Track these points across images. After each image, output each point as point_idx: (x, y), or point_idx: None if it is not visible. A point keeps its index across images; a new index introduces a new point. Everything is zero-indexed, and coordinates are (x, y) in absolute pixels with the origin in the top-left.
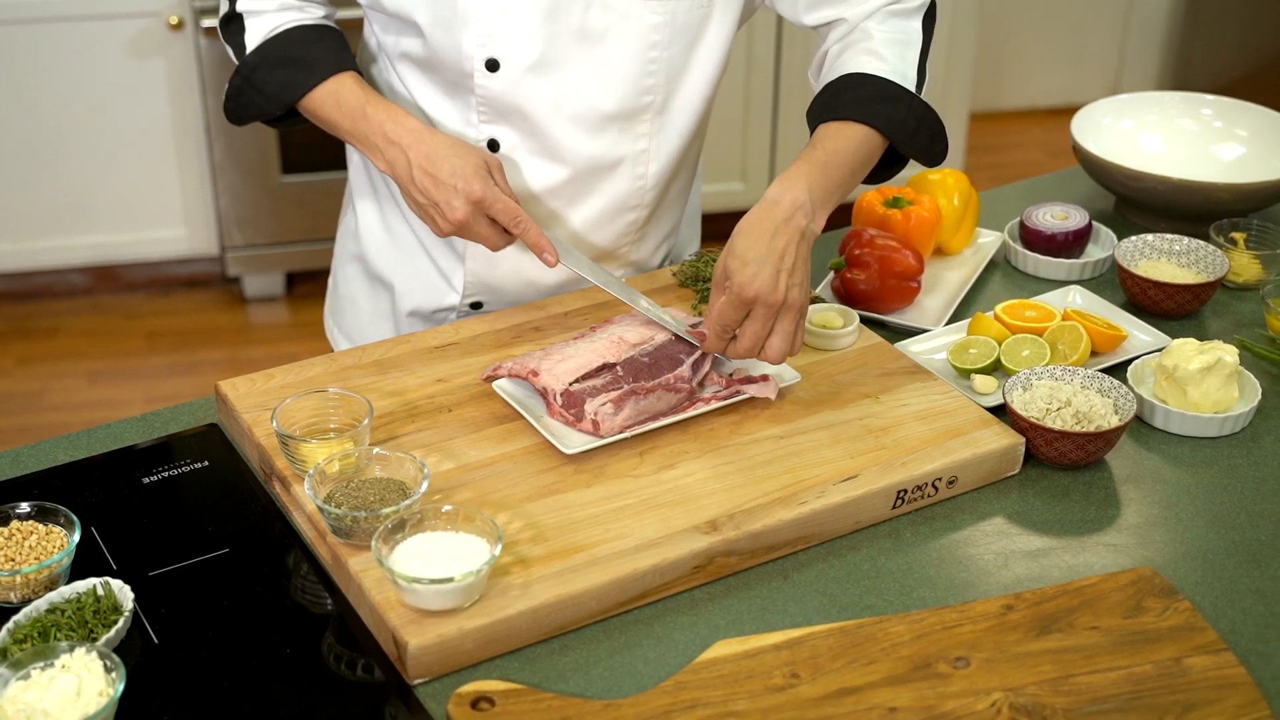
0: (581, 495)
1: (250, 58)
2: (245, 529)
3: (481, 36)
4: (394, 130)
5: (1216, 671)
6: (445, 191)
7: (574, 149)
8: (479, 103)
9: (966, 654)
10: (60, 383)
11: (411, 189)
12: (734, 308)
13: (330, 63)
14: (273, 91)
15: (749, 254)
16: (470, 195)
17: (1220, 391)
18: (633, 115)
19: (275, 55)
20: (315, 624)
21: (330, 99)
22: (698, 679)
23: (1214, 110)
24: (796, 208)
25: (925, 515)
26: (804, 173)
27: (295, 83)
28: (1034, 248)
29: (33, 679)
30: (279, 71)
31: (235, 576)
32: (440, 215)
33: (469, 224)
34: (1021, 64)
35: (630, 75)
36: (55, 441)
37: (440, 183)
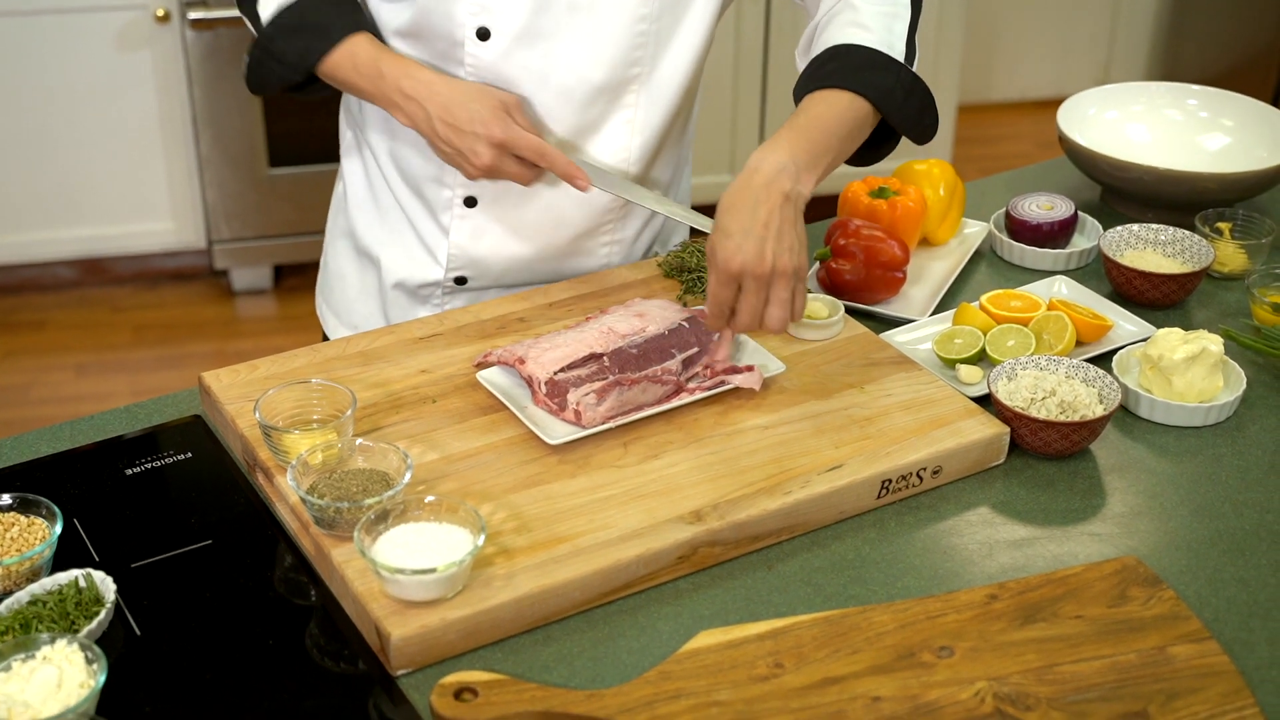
0: (565, 486)
1: (267, 29)
2: (228, 520)
3: (474, 4)
4: (410, 85)
5: (1200, 660)
6: (468, 139)
7: (561, 120)
8: (468, 74)
9: (951, 643)
10: (47, 376)
11: (436, 140)
12: (723, 284)
13: (344, 25)
14: (292, 59)
15: (731, 227)
16: (492, 139)
17: (1205, 381)
18: (620, 86)
19: (290, 23)
20: (298, 615)
21: (346, 61)
22: (681, 669)
23: (1200, 100)
24: (778, 171)
25: (910, 505)
26: (785, 138)
27: (312, 48)
28: (1020, 238)
29: (13, 670)
30: (296, 39)
31: (218, 568)
32: (467, 161)
33: (496, 166)
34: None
35: (619, 46)
36: (39, 433)
37: (461, 131)
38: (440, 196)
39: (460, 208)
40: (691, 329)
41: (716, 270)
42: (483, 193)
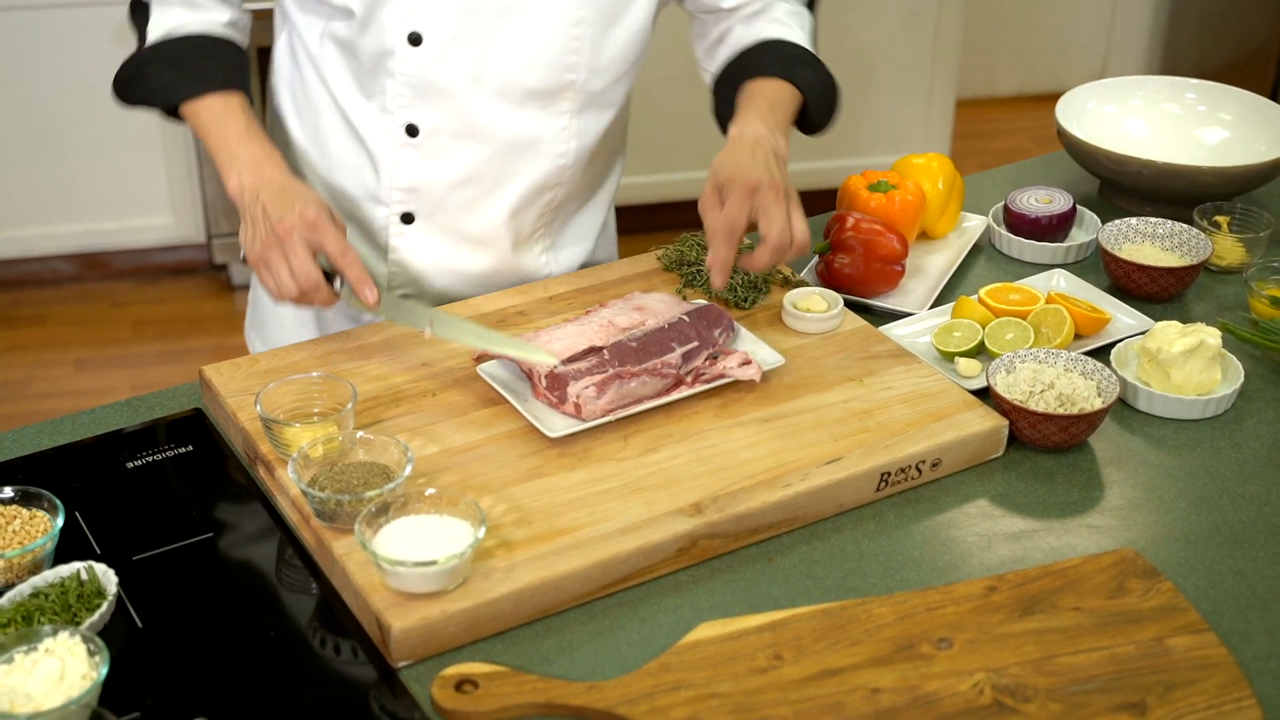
0: (565, 478)
1: (146, 51)
2: (229, 513)
3: (404, 9)
4: (264, 164)
5: (1198, 652)
6: (282, 208)
7: (496, 126)
8: (400, 83)
9: (950, 635)
10: (46, 371)
11: (252, 206)
12: (741, 202)
13: (221, 78)
14: (157, 88)
15: (738, 161)
16: (305, 215)
17: (1203, 374)
18: (555, 91)
19: (170, 56)
20: (299, 608)
21: (210, 112)
22: (681, 661)
23: (1198, 94)
24: (759, 136)
25: (909, 497)
26: (754, 114)
27: (180, 87)
28: (1018, 231)
29: (16, 663)
30: (169, 72)
31: (219, 560)
32: (265, 226)
33: (290, 239)
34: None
35: (553, 50)
36: (40, 427)
37: (280, 201)
38: (376, 215)
39: (398, 224)
40: (691, 323)
41: (735, 190)
42: (419, 207)
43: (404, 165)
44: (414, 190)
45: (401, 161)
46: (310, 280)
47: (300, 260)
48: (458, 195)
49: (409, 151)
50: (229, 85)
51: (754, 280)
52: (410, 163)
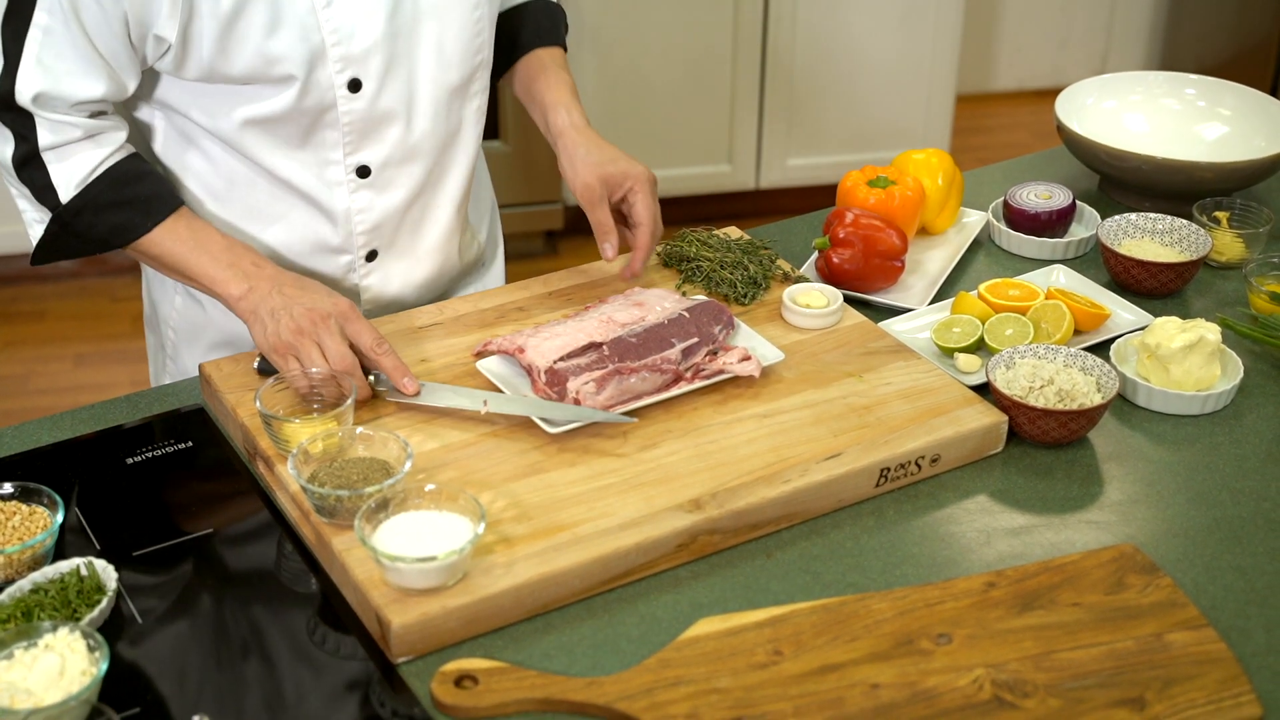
0: (565, 474)
1: (72, 203)
2: (229, 509)
3: (339, 62)
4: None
5: (1197, 647)
6: (314, 296)
7: (431, 134)
8: (345, 131)
9: (949, 630)
10: (46, 366)
11: (270, 299)
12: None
13: (166, 199)
14: (99, 235)
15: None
16: (339, 305)
17: (1202, 370)
18: (469, 79)
19: (103, 199)
20: (299, 603)
21: (173, 236)
22: (681, 656)
23: (1197, 90)
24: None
25: (908, 493)
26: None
27: (130, 224)
28: (1018, 227)
29: (16, 658)
30: (107, 215)
31: (219, 556)
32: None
33: (325, 325)
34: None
35: (464, 39)
36: (40, 422)
37: (309, 290)
38: (339, 264)
39: (364, 265)
40: (692, 318)
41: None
42: (381, 242)
43: (364, 208)
44: (377, 228)
45: (361, 205)
46: (346, 362)
47: (335, 343)
48: (410, 214)
49: (364, 193)
50: (176, 204)
51: (753, 276)
52: (368, 203)
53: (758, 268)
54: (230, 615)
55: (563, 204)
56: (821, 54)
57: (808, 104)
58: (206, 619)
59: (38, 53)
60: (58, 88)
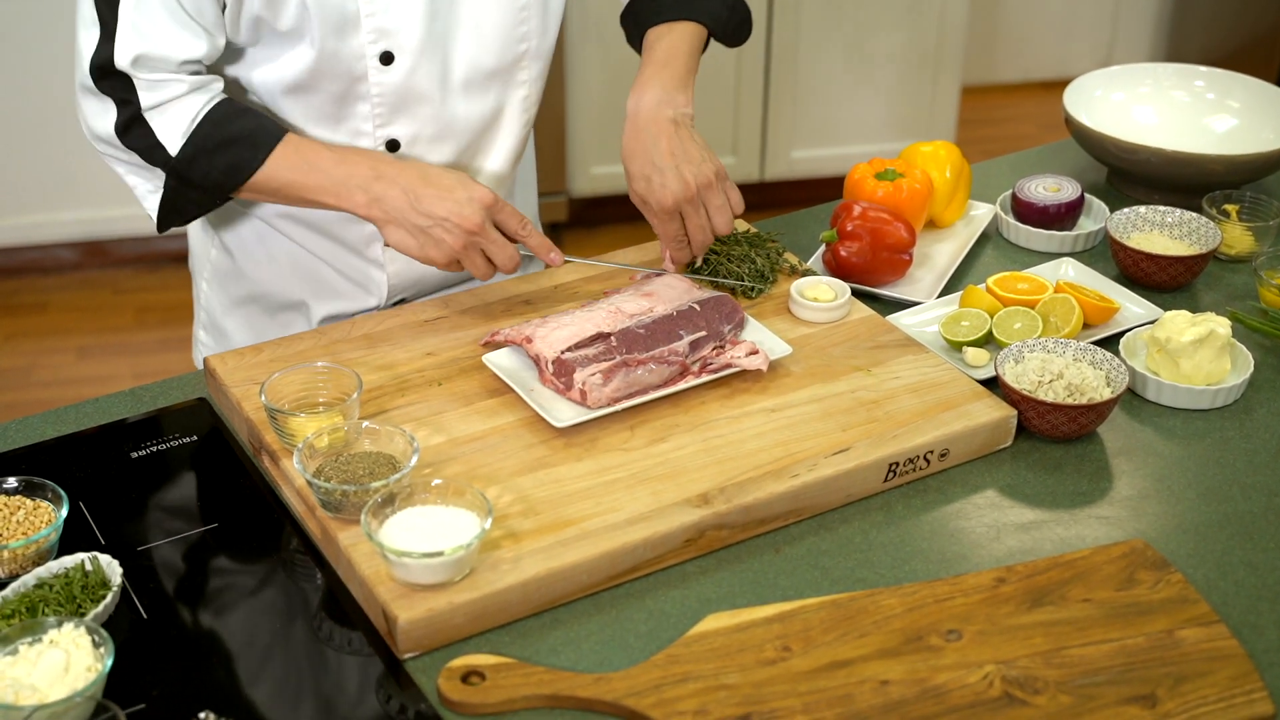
0: (572, 469)
1: (183, 153)
2: (234, 503)
3: (372, 33)
4: (377, 164)
5: (1209, 644)
6: (456, 203)
7: (466, 117)
8: (375, 103)
9: (959, 627)
10: (49, 359)
11: (410, 215)
12: (669, 220)
13: (270, 129)
14: (216, 178)
15: (645, 170)
16: (484, 200)
17: (1213, 364)
18: (513, 65)
19: (211, 142)
20: (305, 598)
21: (286, 163)
22: (689, 652)
23: (1207, 82)
24: (656, 105)
25: (917, 488)
26: (649, 76)
27: (242, 161)
28: (1026, 220)
29: (20, 654)
30: (220, 156)
31: (224, 551)
32: (450, 230)
33: (484, 230)
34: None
35: (505, 25)
36: (43, 416)
37: (445, 196)
38: (362, 233)
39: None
40: (702, 312)
41: (655, 212)
42: None
43: None
44: None
45: None
46: (514, 261)
47: (500, 246)
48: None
49: None
50: (281, 131)
51: (760, 269)
52: None
53: (765, 261)
54: (235, 611)
55: (567, 196)
56: (826, 45)
57: (812, 96)
58: (212, 614)
59: (133, 18)
60: (156, 49)
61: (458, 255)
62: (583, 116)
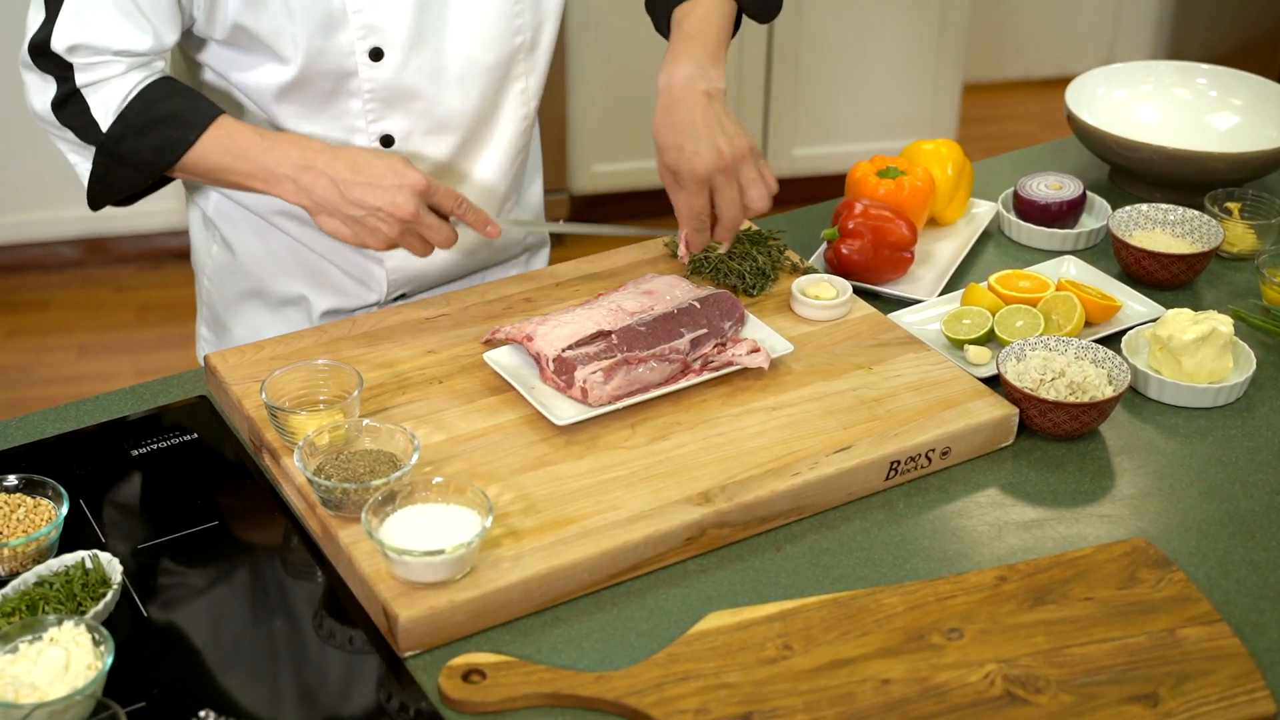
0: (573, 467)
1: (112, 130)
2: (234, 501)
3: (360, 30)
4: (304, 154)
5: (1211, 643)
6: (387, 192)
7: (462, 112)
8: (367, 99)
9: (960, 625)
10: (50, 356)
11: (342, 205)
12: (697, 192)
13: (202, 111)
14: (146, 158)
15: (678, 140)
16: (415, 187)
17: (1215, 362)
18: (509, 60)
19: (141, 121)
20: (305, 597)
21: (216, 146)
22: (690, 651)
23: (1209, 80)
24: (688, 79)
25: (919, 486)
26: (680, 50)
27: (172, 142)
28: (1028, 218)
29: (20, 652)
30: (149, 136)
31: (224, 549)
32: (384, 220)
33: (419, 218)
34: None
35: (500, 19)
36: (44, 414)
37: (376, 185)
38: None
39: None
40: (703, 310)
41: (686, 181)
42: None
43: None
44: None
45: None
46: (452, 240)
47: (436, 229)
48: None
49: None
50: (214, 113)
51: (762, 267)
52: None
53: (766, 259)
54: (236, 609)
55: (569, 194)
56: (828, 42)
57: (814, 93)
58: (212, 613)
59: (77, 4)
60: (94, 39)
61: (394, 241)
62: (584, 114)
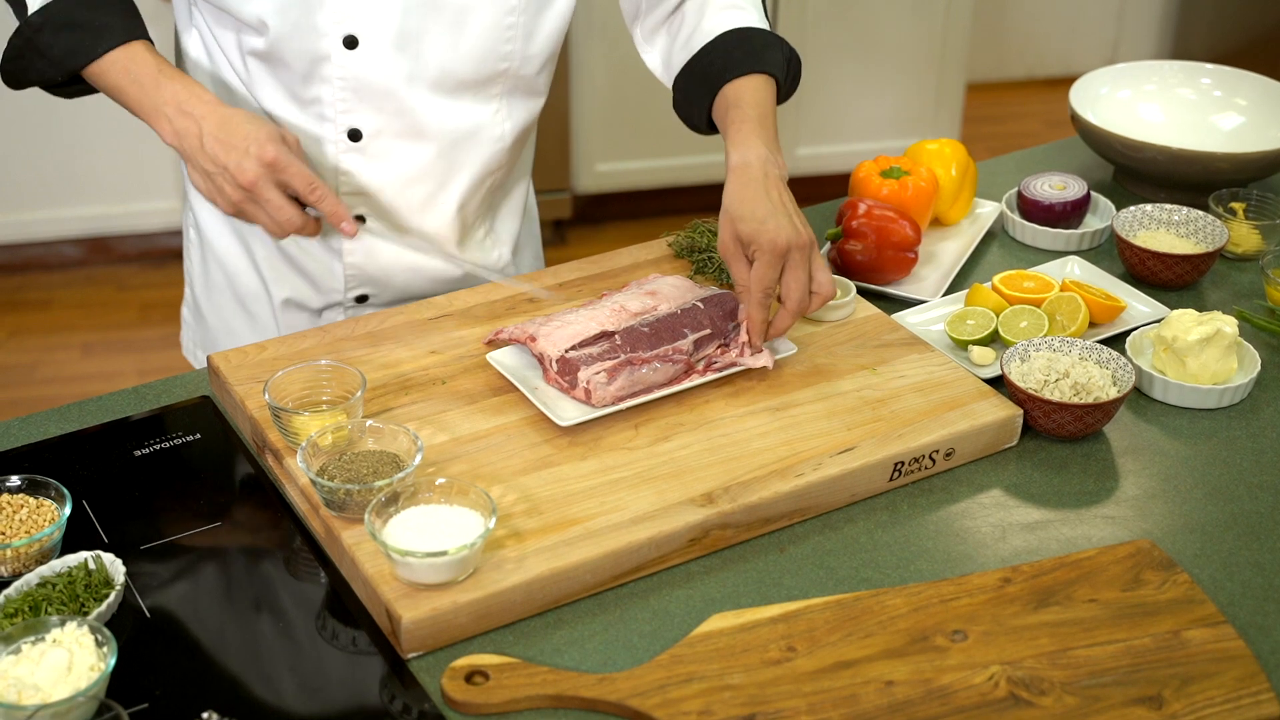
0: (576, 468)
1: (34, 18)
2: (238, 502)
3: (338, 13)
4: (188, 100)
5: (1215, 644)
6: (236, 154)
7: (436, 121)
8: (339, 88)
9: (964, 627)
10: (52, 355)
11: (199, 157)
12: (771, 265)
13: (120, 29)
14: (56, 55)
15: (759, 213)
16: (263, 157)
17: (1219, 363)
18: (489, 80)
19: (61, 18)
20: (308, 598)
21: (117, 66)
22: (693, 652)
23: (1213, 79)
24: (764, 161)
25: (922, 487)
26: (750, 132)
27: (82, 48)
28: (1032, 218)
29: (23, 653)
30: (64, 35)
31: (227, 550)
32: (229, 181)
33: (258, 189)
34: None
35: (488, 42)
36: (46, 414)
37: (231, 146)
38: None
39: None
40: (706, 310)
41: (763, 254)
42: (370, 209)
43: (350, 170)
44: (362, 193)
45: (347, 167)
46: (294, 224)
47: (276, 207)
48: (408, 195)
49: (354, 156)
50: (130, 36)
51: None
52: (356, 167)
53: None
54: (239, 610)
55: (571, 193)
56: (831, 41)
57: (816, 92)
58: (215, 613)
59: None
60: None
61: (238, 207)
62: (587, 113)
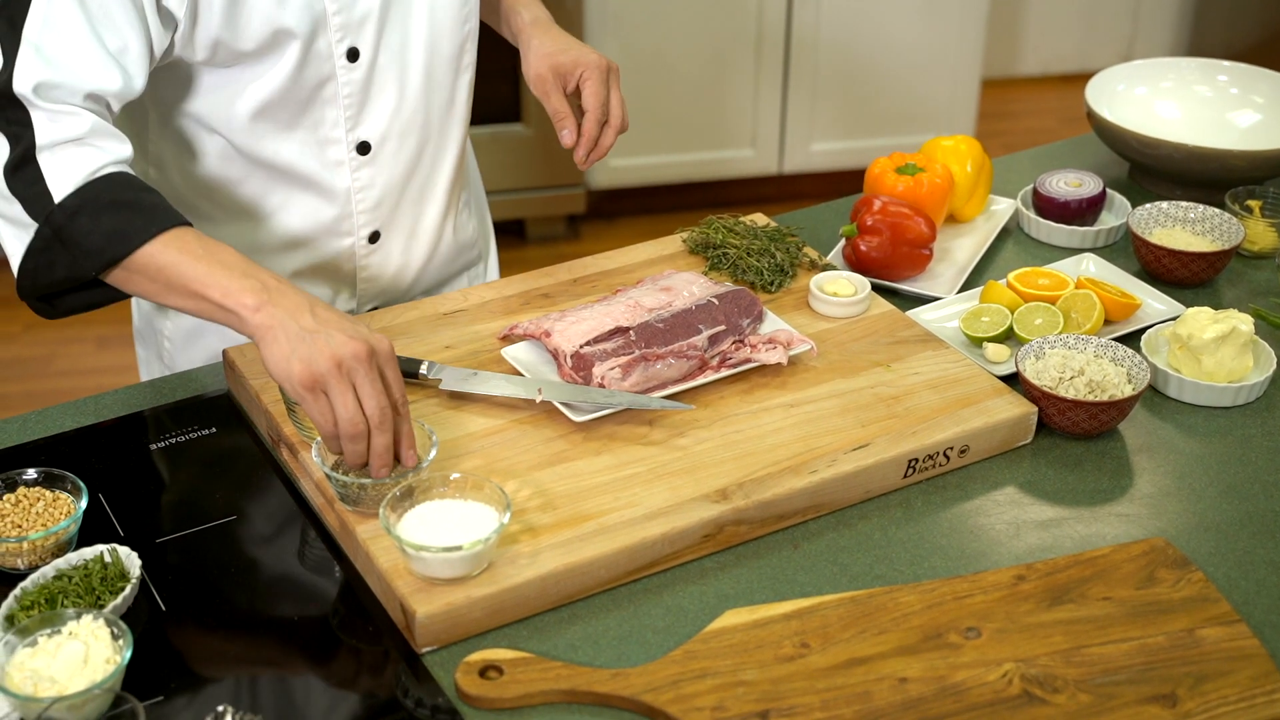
0: (590, 463)
1: (68, 201)
2: (253, 496)
3: (339, 30)
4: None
5: (1230, 643)
6: (351, 327)
7: (425, 110)
8: (345, 105)
9: (978, 624)
10: (68, 348)
11: (303, 314)
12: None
13: (172, 213)
14: (94, 243)
15: (571, 48)
16: (383, 343)
17: (1235, 361)
18: (461, 48)
19: (103, 198)
20: (323, 592)
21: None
22: (707, 648)
23: (1230, 77)
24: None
25: (937, 484)
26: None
27: (130, 230)
28: (1047, 215)
29: (40, 646)
30: (108, 217)
31: (243, 543)
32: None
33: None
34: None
35: (454, 6)
36: (63, 407)
37: (346, 320)
38: (339, 247)
39: (365, 246)
40: (721, 306)
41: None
42: (381, 220)
43: (365, 185)
44: (378, 206)
45: (362, 182)
46: (385, 415)
47: (373, 390)
48: (409, 191)
49: (365, 170)
50: (180, 219)
51: (780, 263)
52: (369, 180)
53: (784, 255)
54: (253, 603)
55: (585, 188)
56: (846, 38)
57: (831, 88)
58: (230, 607)
59: (38, 39)
60: (61, 76)
61: (324, 374)
62: None
